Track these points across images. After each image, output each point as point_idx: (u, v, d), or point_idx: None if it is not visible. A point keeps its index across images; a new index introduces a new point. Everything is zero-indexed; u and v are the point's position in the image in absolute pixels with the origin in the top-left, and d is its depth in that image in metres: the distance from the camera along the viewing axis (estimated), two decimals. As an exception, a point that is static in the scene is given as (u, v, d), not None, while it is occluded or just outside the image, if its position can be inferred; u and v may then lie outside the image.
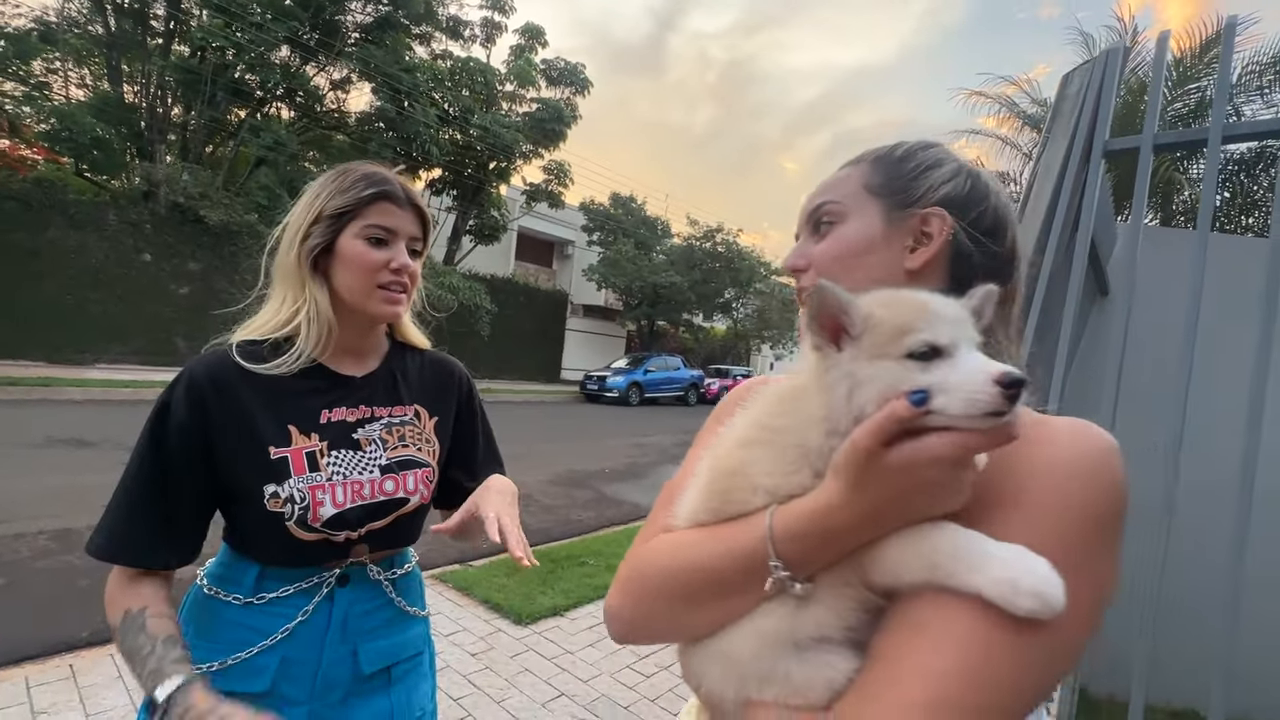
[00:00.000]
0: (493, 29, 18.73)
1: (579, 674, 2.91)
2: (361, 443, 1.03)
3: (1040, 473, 0.51)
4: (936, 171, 0.66)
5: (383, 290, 1.02)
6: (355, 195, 0.99)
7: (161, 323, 13.02)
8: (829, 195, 0.69)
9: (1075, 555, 0.48)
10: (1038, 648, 0.46)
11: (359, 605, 1.04)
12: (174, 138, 14.83)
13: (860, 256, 0.65)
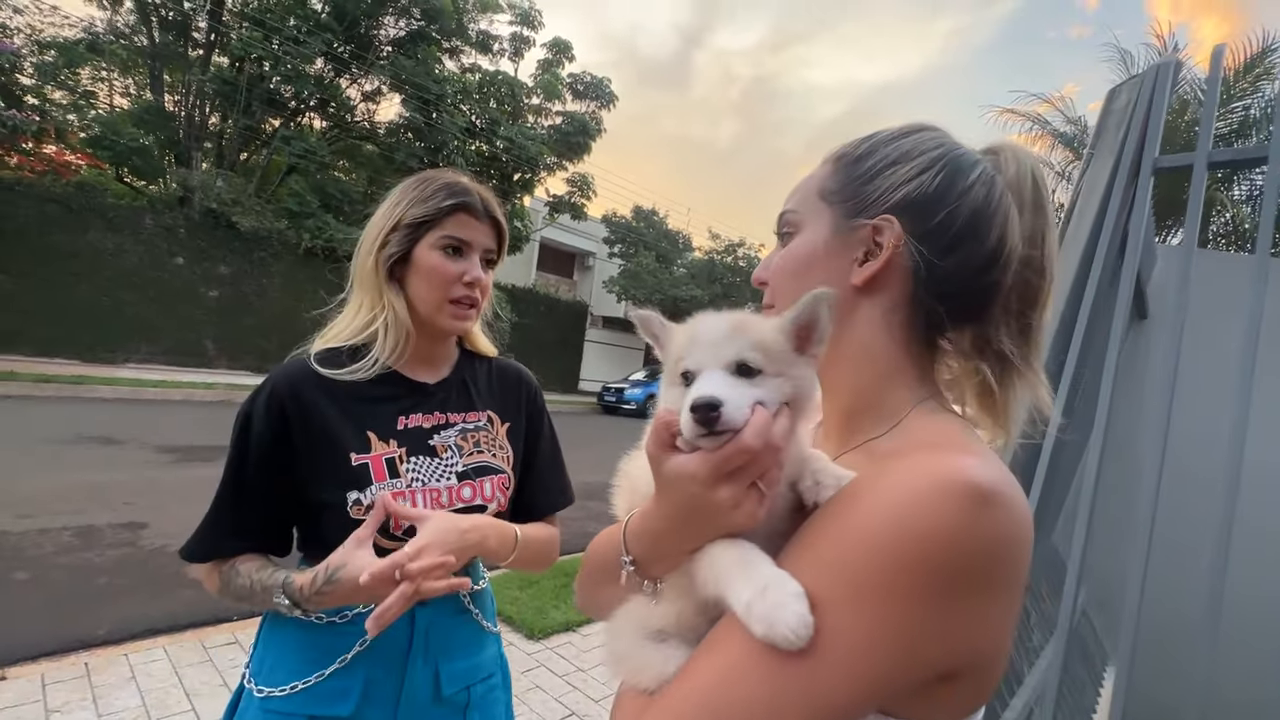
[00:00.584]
0: (521, 43, 19.04)
1: (591, 693, 2.85)
2: (438, 449, 1.03)
3: (860, 503, 0.48)
4: (897, 170, 0.59)
5: (453, 305, 1.03)
6: (435, 205, 1.01)
7: (191, 324, 13.31)
8: (790, 203, 0.66)
9: (861, 594, 0.44)
10: (784, 680, 0.44)
11: (439, 624, 1.03)
12: (210, 145, 15.26)
13: (806, 272, 0.61)
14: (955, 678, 0.47)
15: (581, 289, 25.98)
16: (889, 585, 0.44)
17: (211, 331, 13.61)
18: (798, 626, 0.43)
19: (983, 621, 0.46)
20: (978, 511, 0.44)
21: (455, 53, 18.30)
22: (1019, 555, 0.47)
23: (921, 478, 0.46)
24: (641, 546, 0.57)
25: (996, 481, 0.46)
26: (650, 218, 23.89)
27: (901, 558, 0.44)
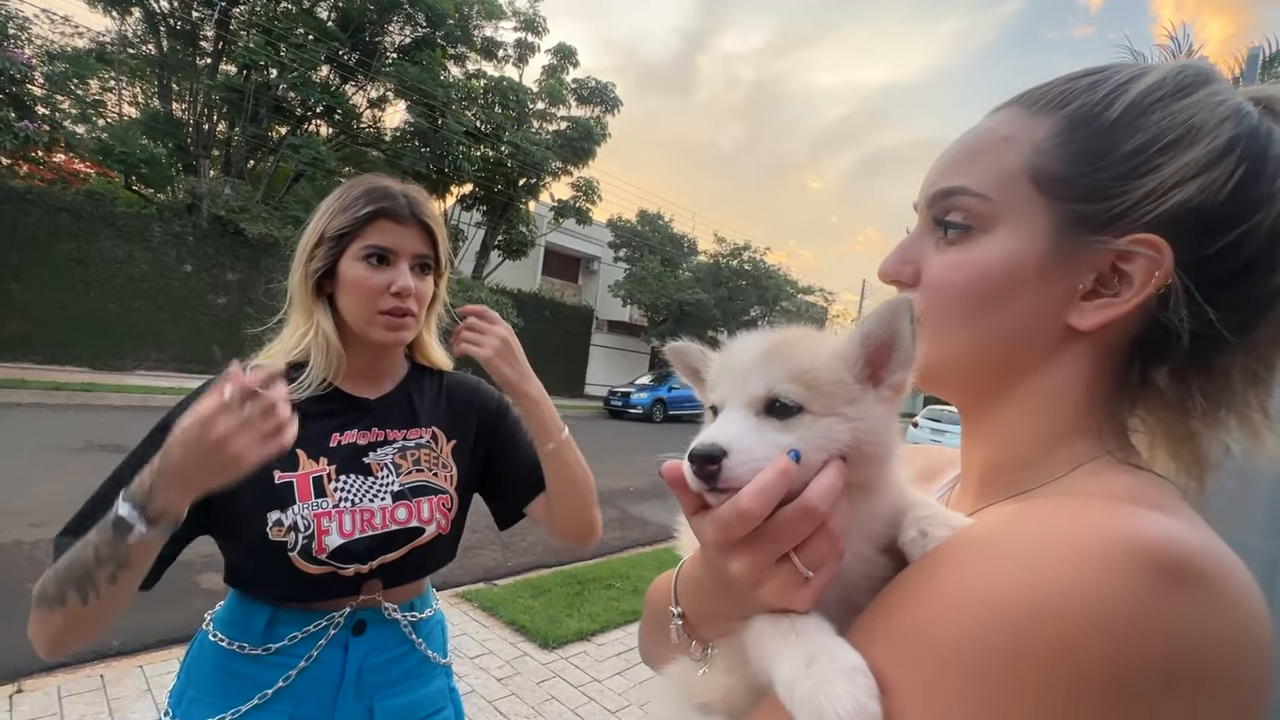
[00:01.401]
0: (526, 49, 19.11)
1: (607, 704, 2.82)
2: (373, 467, 0.97)
3: (971, 554, 0.36)
4: (1181, 155, 0.38)
5: (385, 316, 0.96)
6: (353, 215, 0.95)
7: (199, 331, 13.38)
8: (968, 178, 0.44)
9: (947, 673, 0.32)
10: None
11: (376, 655, 0.97)
12: (217, 153, 15.37)
13: (994, 299, 0.42)
14: None
15: (587, 293, 25.99)
16: (997, 678, 0.30)
17: (220, 338, 13.67)
18: (854, 713, 0.32)
19: None
20: (1163, 591, 0.30)
21: (460, 59, 18.40)
22: (1238, 663, 0.31)
23: (1074, 531, 0.33)
24: (690, 600, 0.48)
25: (1201, 552, 0.31)
26: (655, 221, 23.90)
27: (1022, 641, 0.30)
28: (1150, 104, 0.39)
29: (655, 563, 4.92)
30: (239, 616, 0.94)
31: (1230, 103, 0.39)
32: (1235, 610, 0.31)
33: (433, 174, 17.25)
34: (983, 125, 0.46)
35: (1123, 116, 0.40)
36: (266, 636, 0.91)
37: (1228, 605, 0.31)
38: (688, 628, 0.48)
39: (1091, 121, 0.41)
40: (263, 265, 14.04)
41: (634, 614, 3.82)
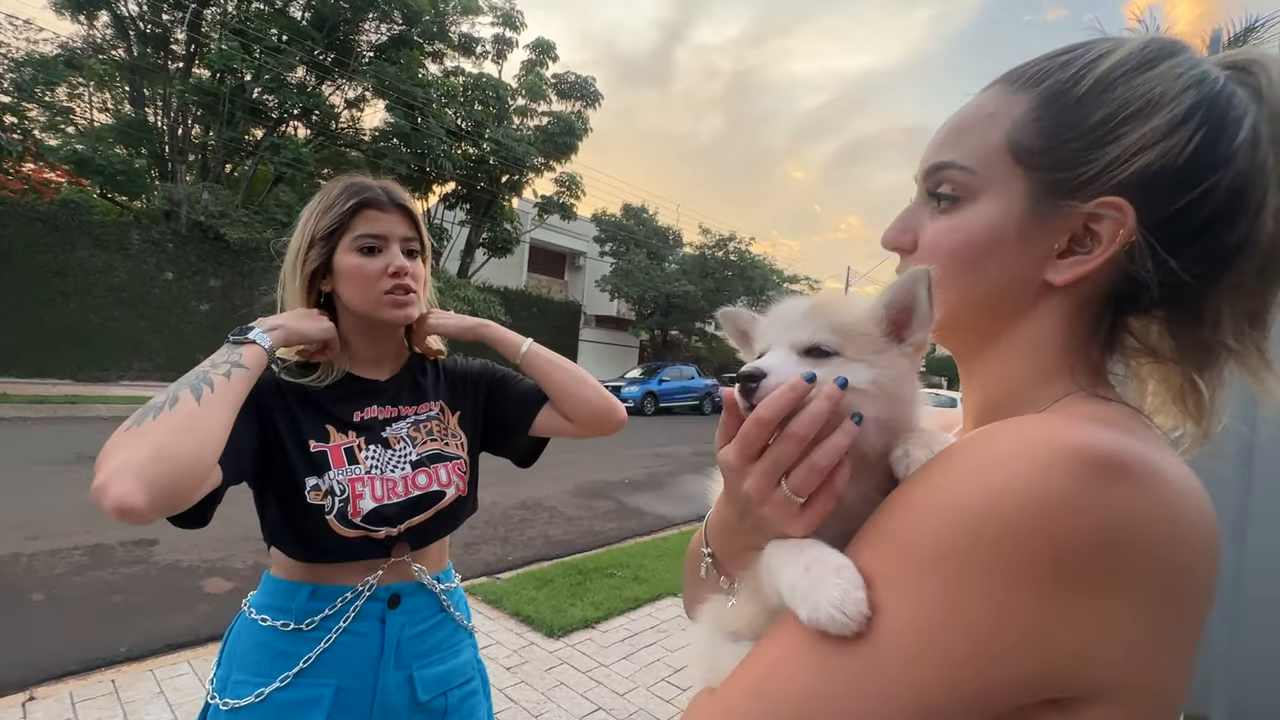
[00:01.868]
0: (504, 45, 18.98)
1: (615, 687, 2.88)
2: (390, 441, 1.05)
3: (941, 469, 0.40)
4: (1142, 125, 0.42)
5: (389, 295, 1.02)
6: (339, 211, 1.00)
7: (183, 339, 13.23)
8: (955, 153, 0.49)
9: (926, 570, 0.37)
10: (836, 671, 0.37)
11: (411, 627, 1.03)
12: (193, 158, 15.14)
13: (984, 259, 0.48)
14: (1067, 709, 0.36)
15: (573, 289, 25.97)
16: (959, 561, 0.35)
17: (204, 345, 13.38)
18: (842, 602, 0.37)
19: (1098, 631, 0.35)
20: (1096, 481, 0.34)
21: (438, 56, 18.23)
22: (1164, 552, 0.35)
23: (1025, 436, 0.38)
24: (717, 539, 0.54)
25: (1136, 454, 0.36)
26: (640, 215, 23.90)
27: (978, 527, 0.35)
28: (1115, 78, 0.44)
29: (655, 551, 4.99)
30: (278, 596, 0.99)
31: (1192, 73, 0.43)
32: (1166, 504, 0.36)
33: (414, 173, 17.13)
34: (971, 103, 0.51)
35: (1090, 91, 0.44)
36: (307, 612, 0.97)
37: (1159, 499, 0.35)
38: (716, 565, 0.54)
39: (1062, 96, 0.45)
40: (245, 270, 13.91)
41: (636, 601, 3.88)
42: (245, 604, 1.03)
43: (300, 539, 0.98)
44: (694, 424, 16.43)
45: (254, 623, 0.98)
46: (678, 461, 10.00)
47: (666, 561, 4.70)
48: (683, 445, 11.92)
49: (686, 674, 3.06)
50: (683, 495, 7.56)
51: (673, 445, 11.84)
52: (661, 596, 4.02)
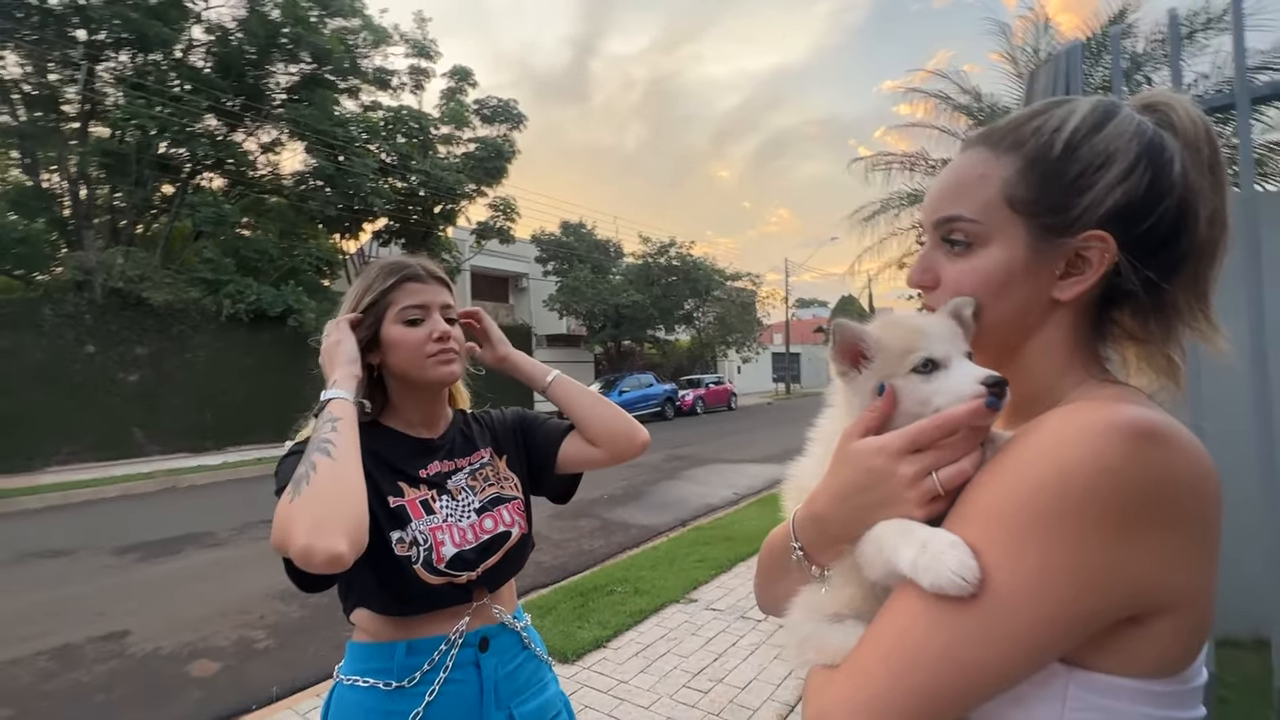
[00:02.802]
0: (420, 75, 18.76)
1: (639, 701, 2.92)
2: (454, 492, 1.11)
3: (1015, 453, 0.50)
4: (1106, 174, 0.54)
5: (433, 358, 1.09)
6: (381, 288, 1.09)
7: (114, 414, 12.40)
8: (962, 207, 0.59)
9: (1021, 536, 0.46)
10: (958, 626, 0.46)
11: (503, 668, 1.08)
12: (102, 221, 14.25)
13: (1004, 292, 0.58)
14: (1142, 622, 0.47)
15: (520, 311, 25.74)
16: (1048, 524, 0.45)
17: (138, 418, 12.73)
18: (960, 569, 0.45)
19: (1160, 561, 0.45)
20: (1140, 448, 0.45)
21: (353, 92, 17.85)
22: (1195, 495, 0.47)
23: (1079, 421, 0.48)
24: (808, 534, 0.61)
25: (1162, 423, 0.47)
26: (579, 231, 23.95)
27: (1059, 495, 0.45)
28: (1079, 140, 0.56)
29: (648, 561, 5.03)
30: (374, 659, 1.01)
31: (1131, 127, 0.55)
32: (1190, 459, 0.47)
33: (343, 213, 16.66)
34: (960, 164, 0.62)
35: (1063, 152, 0.56)
36: (407, 668, 0.99)
37: (1186, 456, 0.47)
38: (807, 557, 0.62)
39: (1043, 159, 0.56)
40: (175, 334, 13.17)
41: (641, 613, 3.92)
42: (337, 674, 1.05)
43: (391, 593, 1.01)
44: (660, 430, 16.55)
45: (353, 688, 1.00)
46: (651, 470, 10.06)
47: (661, 570, 4.76)
48: (653, 453, 11.98)
49: (710, 674, 3.12)
50: (663, 503, 7.63)
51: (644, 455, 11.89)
52: (665, 605, 4.08)
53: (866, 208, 10.35)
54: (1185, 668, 0.49)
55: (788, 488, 0.70)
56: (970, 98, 8.18)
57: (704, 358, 29.18)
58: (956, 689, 0.47)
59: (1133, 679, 0.47)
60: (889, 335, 0.59)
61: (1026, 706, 0.49)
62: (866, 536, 0.55)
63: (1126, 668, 0.47)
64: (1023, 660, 0.46)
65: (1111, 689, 0.48)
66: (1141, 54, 6.04)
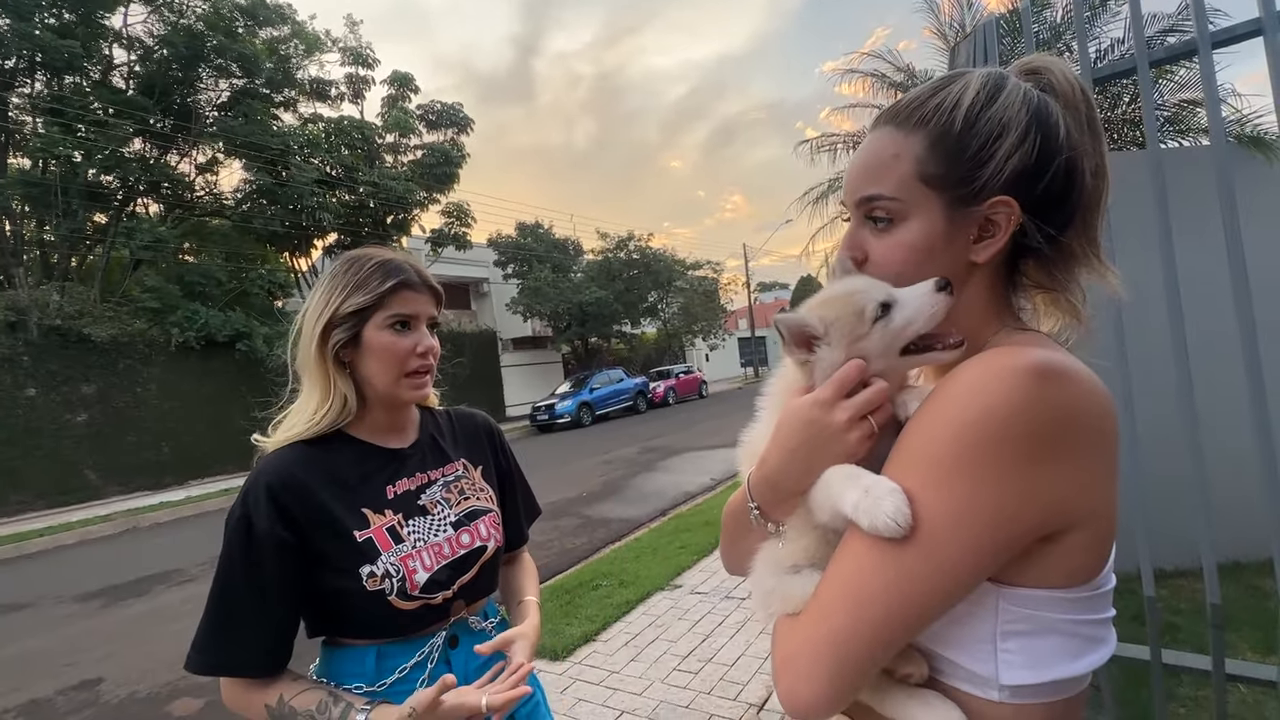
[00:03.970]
0: (359, 84, 18.31)
1: (632, 689, 2.96)
2: (428, 507, 1.08)
3: (935, 402, 0.55)
4: (1004, 142, 0.58)
5: (410, 377, 1.05)
6: (376, 290, 1.01)
7: (64, 458, 11.83)
8: (880, 187, 0.63)
9: (946, 475, 0.51)
10: (907, 560, 0.52)
11: (472, 661, 1.08)
12: (30, 257, 13.54)
13: (927, 261, 0.62)
14: (1056, 539, 0.52)
15: (483, 316, 25.42)
16: (971, 461, 0.50)
17: (90, 459, 12.17)
18: (894, 514, 0.51)
19: (1067, 483, 0.51)
20: (1045, 386, 0.50)
21: (290, 105, 17.31)
22: (1095, 423, 0.52)
23: (990, 367, 0.53)
24: (763, 493, 0.66)
25: (1062, 363, 0.52)
26: (535, 231, 23.75)
27: (975, 435, 0.50)
28: (975, 114, 0.60)
29: (631, 554, 5.08)
30: (346, 664, 1.00)
31: (1019, 97, 0.59)
32: (1089, 393, 0.53)
33: (290, 230, 16.19)
34: (872, 143, 0.65)
35: (963, 127, 0.60)
36: (379, 674, 0.99)
37: (1085, 391, 0.52)
38: (763, 515, 0.67)
39: (947, 134, 0.60)
40: (122, 369, 12.63)
41: (628, 604, 3.97)
42: (310, 672, 1.04)
43: (364, 624, 1.00)
44: (634, 424, 16.62)
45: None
46: (627, 463, 10.12)
47: (645, 561, 4.81)
48: (628, 447, 12.06)
49: (699, 655, 3.19)
50: (641, 495, 7.69)
51: (618, 449, 11.95)
52: (650, 594, 4.13)
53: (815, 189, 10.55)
54: (1095, 575, 0.55)
55: (742, 453, 0.75)
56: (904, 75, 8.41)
57: (671, 349, 29.36)
58: (907, 617, 0.53)
59: (1052, 590, 0.54)
60: (832, 309, 0.63)
61: (965, 624, 0.56)
62: (818, 482, 0.60)
63: (1046, 580, 0.53)
64: (961, 584, 0.52)
65: (1035, 600, 0.54)
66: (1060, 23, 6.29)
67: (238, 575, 0.92)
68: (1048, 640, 0.54)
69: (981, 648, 0.55)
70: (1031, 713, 0.55)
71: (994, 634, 0.54)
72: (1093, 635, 0.56)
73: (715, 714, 2.68)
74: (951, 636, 0.56)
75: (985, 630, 0.55)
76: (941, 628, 0.56)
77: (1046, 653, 0.54)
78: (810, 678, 0.55)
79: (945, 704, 0.57)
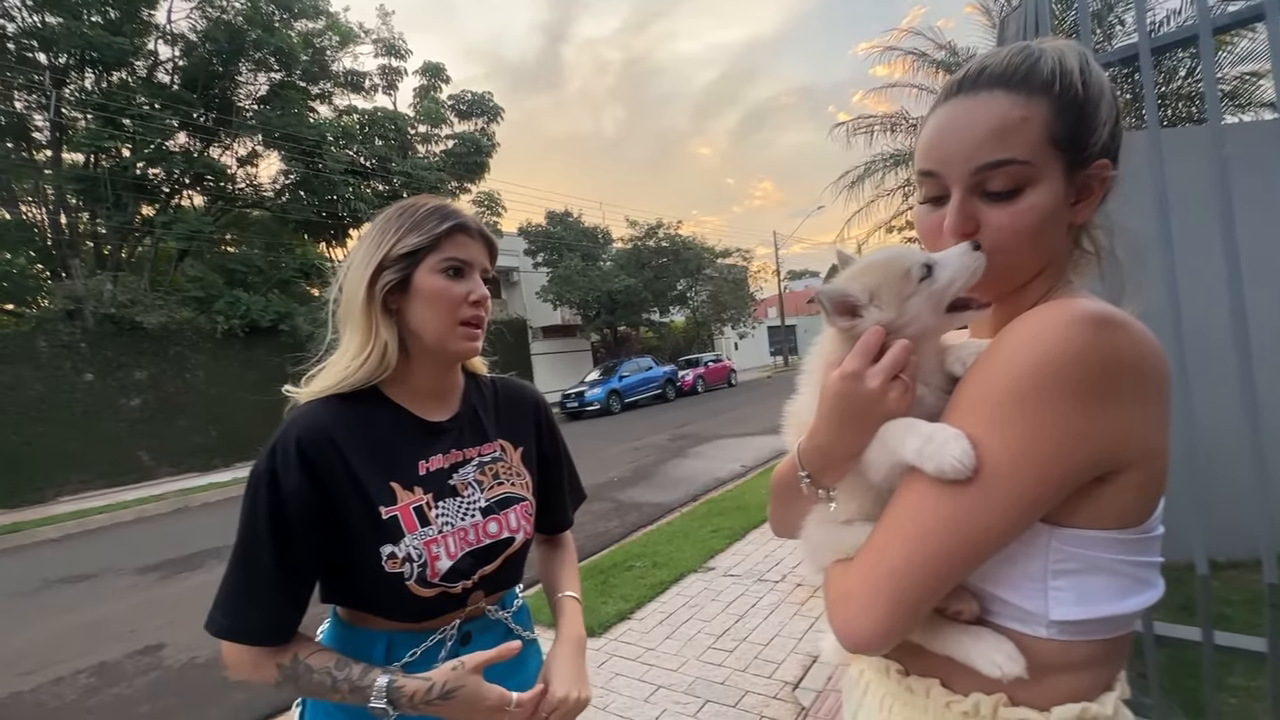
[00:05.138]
0: (393, 75, 18.54)
1: (667, 665, 3.02)
2: (459, 488, 1.00)
3: (993, 353, 0.57)
4: (1104, 107, 0.61)
5: (464, 327, 0.97)
6: (431, 231, 0.94)
7: (120, 440, 12.44)
8: (1010, 150, 0.59)
9: (1005, 419, 0.53)
10: (961, 502, 0.54)
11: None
12: (85, 248, 14.16)
13: (1048, 224, 0.61)
14: (1109, 480, 0.54)
15: (514, 305, 25.70)
16: (1031, 402, 0.52)
17: (144, 442, 12.76)
18: (961, 457, 0.53)
19: (1121, 425, 0.53)
20: (1100, 332, 0.52)
21: (326, 97, 17.66)
22: (1147, 367, 0.54)
23: (1048, 316, 0.54)
24: (813, 461, 0.67)
25: (1115, 312, 0.54)
26: (565, 220, 23.82)
27: (1033, 379, 0.52)
28: (1090, 79, 0.60)
29: (663, 537, 5.14)
30: (355, 646, 0.95)
31: (1099, 67, 0.61)
32: (1142, 341, 0.54)
33: (326, 219, 16.58)
34: (984, 110, 0.61)
35: (1084, 90, 0.59)
36: (388, 662, 0.93)
37: (1138, 339, 0.54)
38: (813, 482, 0.68)
39: (1074, 98, 0.59)
40: (171, 355, 13.16)
41: (662, 585, 4.02)
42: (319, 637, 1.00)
43: (380, 606, 0.95)
44: (663, 411, 16.66)
45: None
46: (657, 450, 10.17)
47: (678, 543, 4.86)
48: (658, 434, 12.11)
49: (733, 635, 3.23)
50: (672, 480, 7.74)
51: (648, 436, 12.01)
52: (684, 576, 4.18)
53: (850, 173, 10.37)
54: (1145, 518, 0.57)
55: (787, 424, 0.77)
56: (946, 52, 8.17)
57: (700, 337, 29.24)
58: (963, 551, 0.55)
59: (1103, 530, 0.56)
60: (875, 275, 0.64)
61: (1016, 563, 0.57)
62: (873, 441, 0.61)
63: (1098, 521, 0.55)
64: (1017, 520, 0.54)
65: (1086, 540, 0.56)
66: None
67: (263, 536, 0.86)
68: (1097, 578, 0.56)
69: (1032, 585, 0.57)
70: (1077, 649, 0.57)
71: (1045, 572, 0.56)
72: (1141, 577, 0.57)
73: (751, 691, 2.72)
74: (1002, 575, 0.58)
75: (1036, 568, 0.56)
76: (993, 566, 0.58)
77: (1095, 590, 0.56)
78: (868, 610, 0.58)
79: (996, 638, 0.59)
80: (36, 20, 12.53)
